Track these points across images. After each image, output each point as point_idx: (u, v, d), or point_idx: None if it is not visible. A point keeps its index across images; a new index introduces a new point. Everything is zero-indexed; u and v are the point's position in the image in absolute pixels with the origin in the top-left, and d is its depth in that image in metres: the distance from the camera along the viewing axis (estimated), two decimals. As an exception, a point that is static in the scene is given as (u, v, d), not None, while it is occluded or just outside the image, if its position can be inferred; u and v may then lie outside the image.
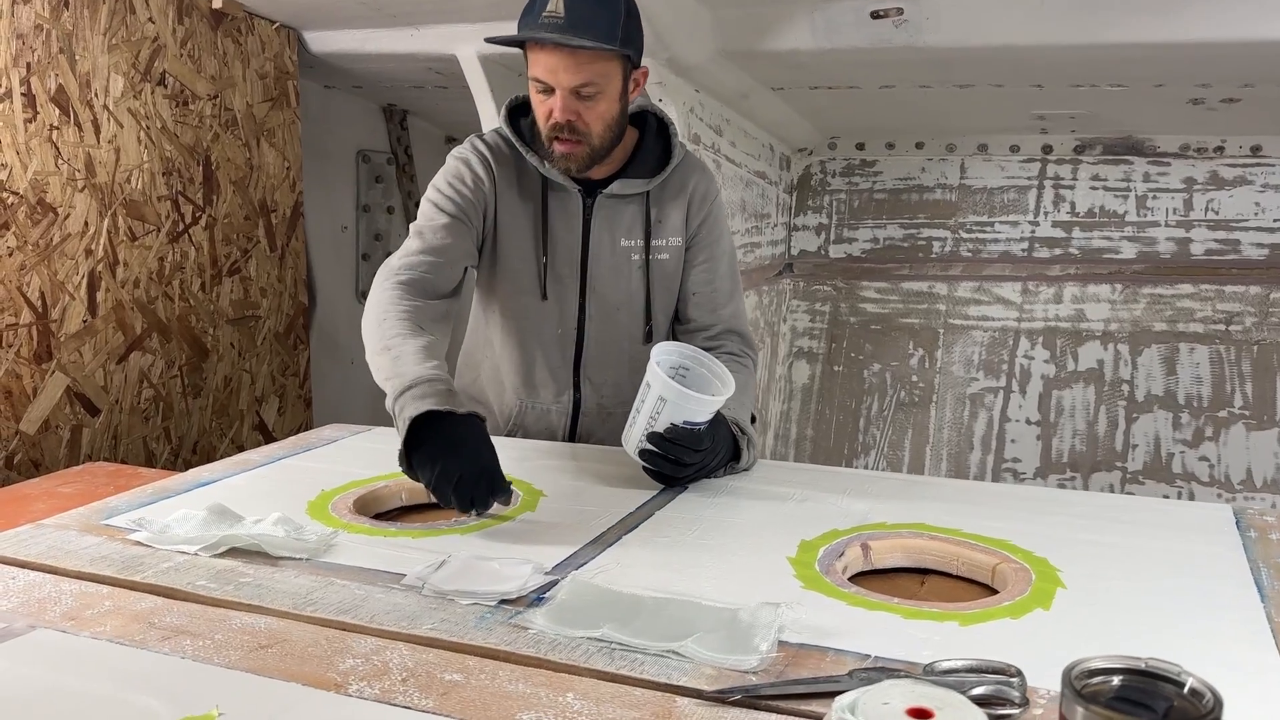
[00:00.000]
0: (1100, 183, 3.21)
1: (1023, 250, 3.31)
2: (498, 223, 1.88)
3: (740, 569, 1.31)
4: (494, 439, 1.95)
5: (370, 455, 1.85)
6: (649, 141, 1.89)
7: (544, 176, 1.86)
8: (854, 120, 3.24)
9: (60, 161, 2.28)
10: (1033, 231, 3.29)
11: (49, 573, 1.30)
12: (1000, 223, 3.32)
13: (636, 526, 1.47)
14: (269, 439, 2.80)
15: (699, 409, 1.60)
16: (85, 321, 2.34)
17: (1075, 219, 3.25)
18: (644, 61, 2.41)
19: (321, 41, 2.85)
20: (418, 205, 3.73)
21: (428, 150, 3.78)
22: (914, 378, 3.39)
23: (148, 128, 2.41)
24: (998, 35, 2.25)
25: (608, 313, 1.91)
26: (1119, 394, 3.21)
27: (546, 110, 1.73)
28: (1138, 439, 3.16)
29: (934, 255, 3.39)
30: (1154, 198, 3.16)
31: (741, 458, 1.70)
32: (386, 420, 1.63)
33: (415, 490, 1.68)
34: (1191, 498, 3.08)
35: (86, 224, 2.34)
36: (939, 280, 3.38)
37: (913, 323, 3.40)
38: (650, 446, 1.61)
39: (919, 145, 3.35)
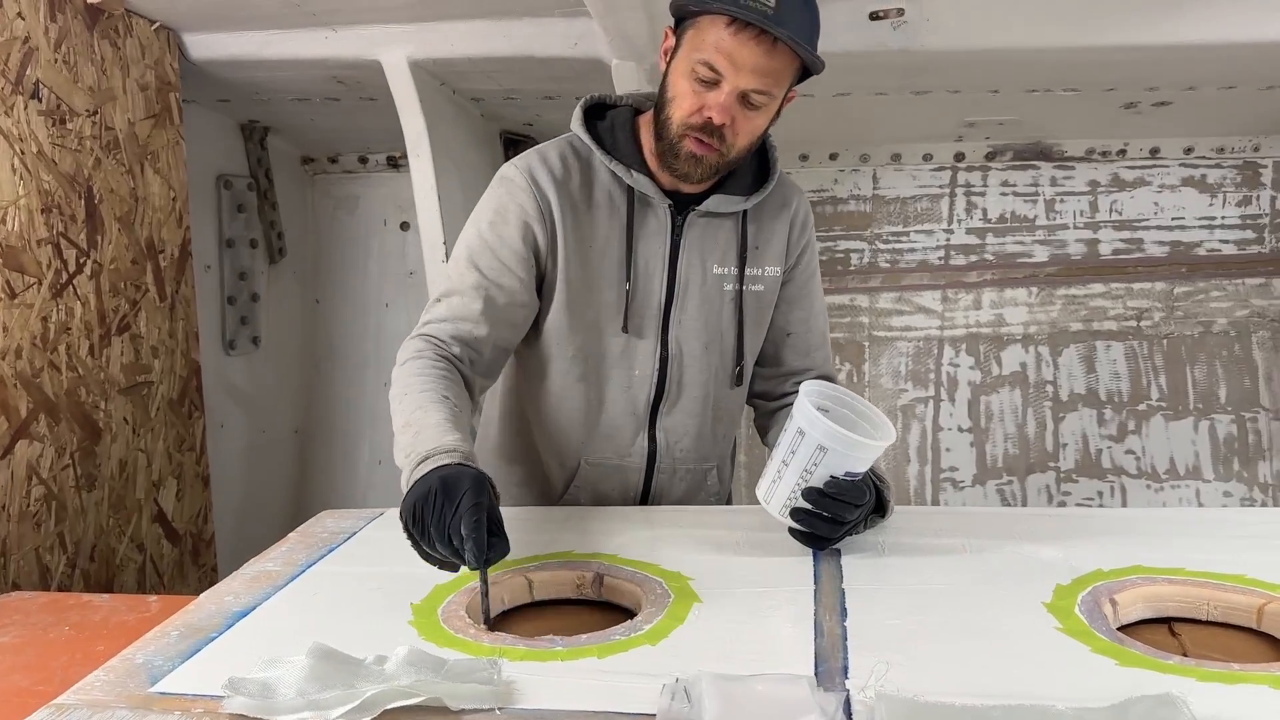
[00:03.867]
0: (1010, 188, 3.25)
1: (939, 258, 3.30)
2: (559, 255, 1.57)
3: (1024, 650, 1.10)
4: (553, 509, 1.66)
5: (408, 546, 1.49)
6: None
7: (629, 188, 1.58)
8: (776, 133, 3.10)
9: (-95, 199, 1.73)
10: (948, 239, 3.29)
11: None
12: (915, 231, 3.30)
13: (846, 609, 1.22)
14: (170, 532, 2.28)
15: (864, 457, 1.38)
16: (-49, 407, 1.79)
17: (988, 225, 3.27)
18: (630, 65, 2.19)
19: (207, 46, 2.37)
20: (280, 237, 3.30)
21: (285, 173, 3.31)
22: (843, 394, 3.29)
23: (22, 152, 1.87)
24: (997, 38, 2.18)
25: (693, 351, 1.64)
26: (1044, 395, 3.25)
27: (698, 104, 1.45)
28: (1066, 438, 3.22)
29: (853, 267, 3.31)
30: (1061, 201, 3.23)
31: (886, 509, 1.49)
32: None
33: (517, 589, 1.36)
34: (1123, 492, 3.17)
35: (-54, 279, 1.79)
36: (859, 292, 3.31)
37: (837, 337, 3.30)
38: (806, 505, 1.37)
39: (833, 156, 3.27)
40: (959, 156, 3.24)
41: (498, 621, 1.31)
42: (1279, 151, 3.10)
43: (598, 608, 1.37)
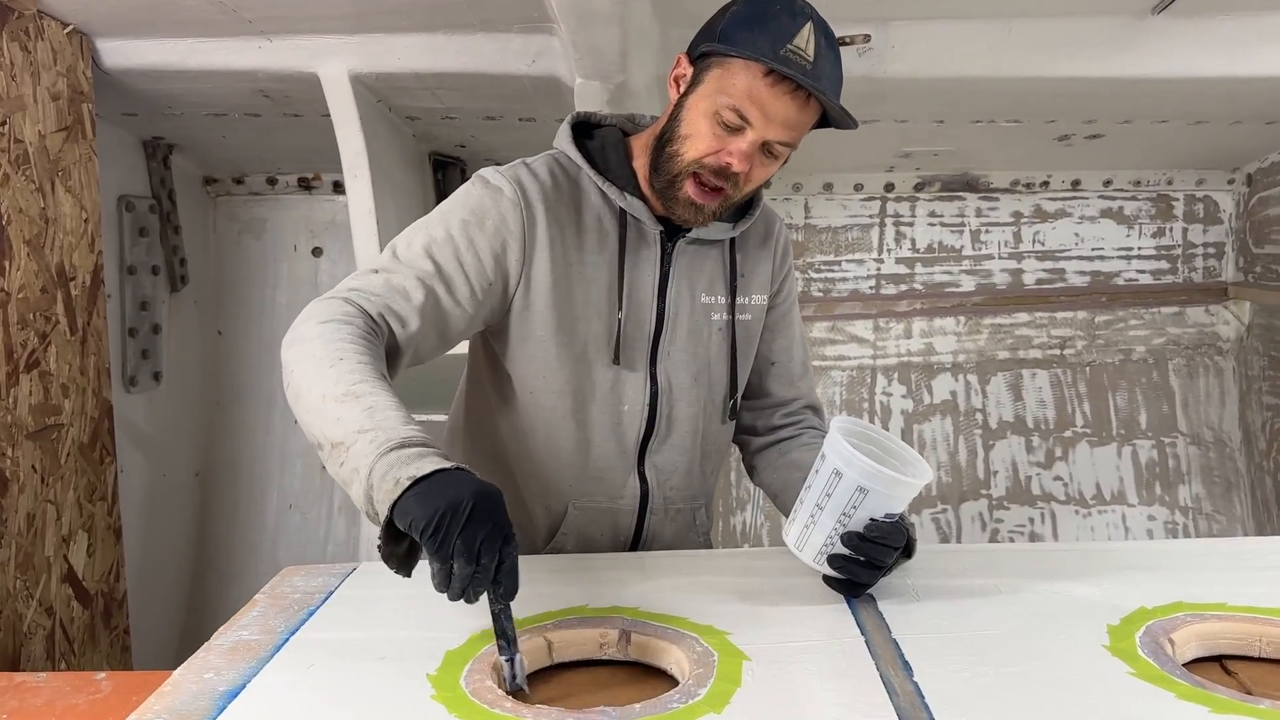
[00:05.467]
0: (937, 219, 3.28)
1: (870, 288, 3.30)
2: (539, 280, 1.45)
3: (1108, 700, 1.04)
4: (546, 558, 1.54)
5: (401, 606, 1.34)
6: None
7: (621, 212, 1.48)
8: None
9: None
10: (878, 269, 3.29)
11: None
12: (847, 261, 3.29)
13: (909, 663, 1.14)
14: (80, 593, 2.03)
15: (904, 496, 1.31)
16: None
17: (917, 255, 3.30)
18: (594, 84, 2.10)
19: (122, 53, 2.15)
20: (183, 264, 3.06)
21: (186, 194, 3.07)
22: (779, 424, 3.25)
23: (-80, 166, 1.64)
24: (960, 67, 2.18)
25: (682, 384, 1.55)
26: (974, 423, 3.28)
27: (716, 145, 1.36)
28: (997, 465, 3.25)
29: (787, 296, 3.28)
30: (987, 231, 3.29)
31: (912, 549, 1.42)
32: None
33: (536, 650, 1.23)
34: (1053, 518, 3.22)
35: None
36: (794, 322, 3.28)
37: (771, 367, 3.26)
38: (846, 551, 1.29)
39: (765, 185, 3.23)
40: (889, 187, 3.26)
41: (516, 691, 1.18)
42: (1190, 185, 3.23)
43: (623, 668, 1.25)
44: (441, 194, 2.99)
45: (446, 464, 1.11)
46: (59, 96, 2.01)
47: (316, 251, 3.29)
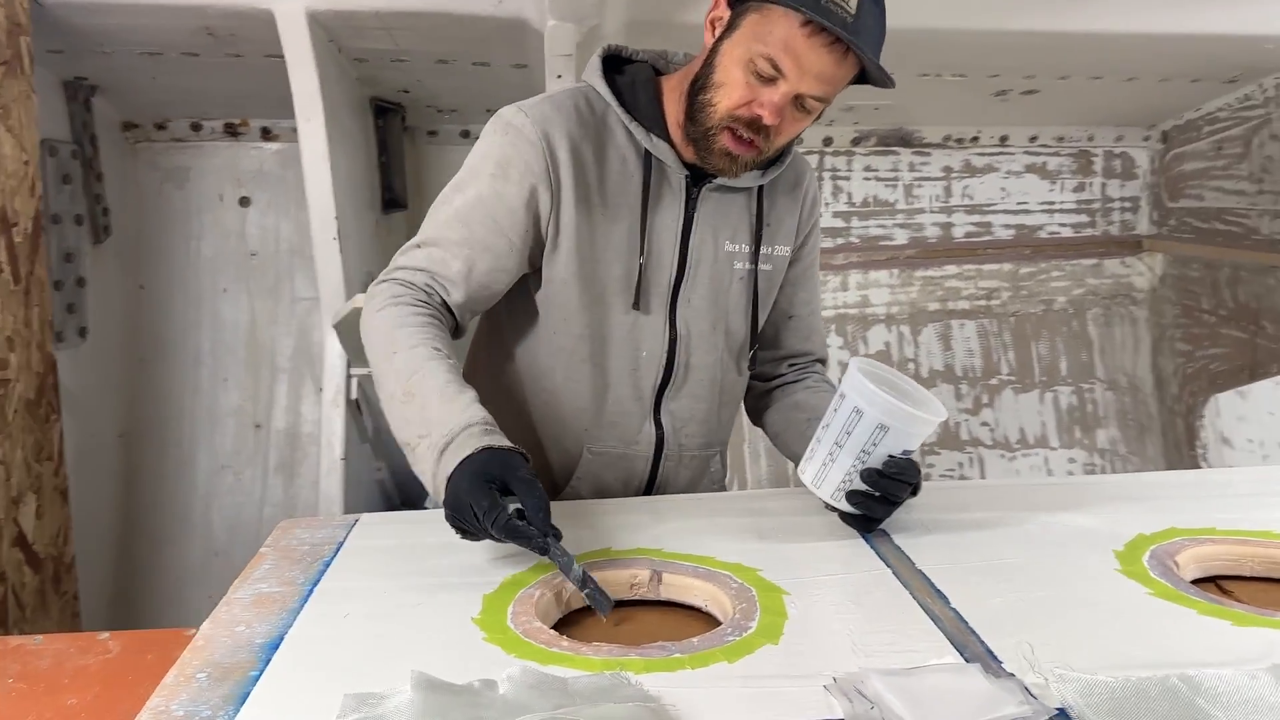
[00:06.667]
0: (872, 173, 3.34)
1: (808, 241, 3.34)
2: (565, 221, 1.44)
3: (1138, 619, 1.10)
4: (565, 504, 1.53)
5: (416, 554, 1.32)
6: None
7: (646, 153, 1.45)
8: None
9: None
10: (816, 222, 3.34)
11: None
12: (785, 214, 3.33)
13: (944, 595, 1.18)
14: (31, 557, 1.92)
15: (922, 433, 1.36)
16: None
17: (853, 209, 3.36)
18: (567, 27, 2.06)
19: (65, -16, 2.00)
20: (106, 213, 2.90)
21: (106, 140, 2.90)
22: (720, 376, 3.29)
23: None
24: (924, 19, 2.20)
25: (701, 331, 1.55)
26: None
27: (749, 97, 1.33)
28: (928, 413, 3.35)
29: (726, 249, 3.31)
30: (919, 186, 3.37)
31: (919, 486, 1.47)
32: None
33: (572, 592, 1.23)
34: (981, 462, 3.35)
35: None
36: (733, 275, 3.30)
37: (711, 320, 3.29)
38: (864, 488, 1.32)
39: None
40: (827, 141, 3.30)
41: (558, 629, 1.18)
42: (1109, 141, 3.37)
43: (652, 608, 1.26)
44: (382, 141, 2.89)
45: (467, 450, 1.23)
46: (-6, 28, 1.87)
47: (244, 201, 3.16)
